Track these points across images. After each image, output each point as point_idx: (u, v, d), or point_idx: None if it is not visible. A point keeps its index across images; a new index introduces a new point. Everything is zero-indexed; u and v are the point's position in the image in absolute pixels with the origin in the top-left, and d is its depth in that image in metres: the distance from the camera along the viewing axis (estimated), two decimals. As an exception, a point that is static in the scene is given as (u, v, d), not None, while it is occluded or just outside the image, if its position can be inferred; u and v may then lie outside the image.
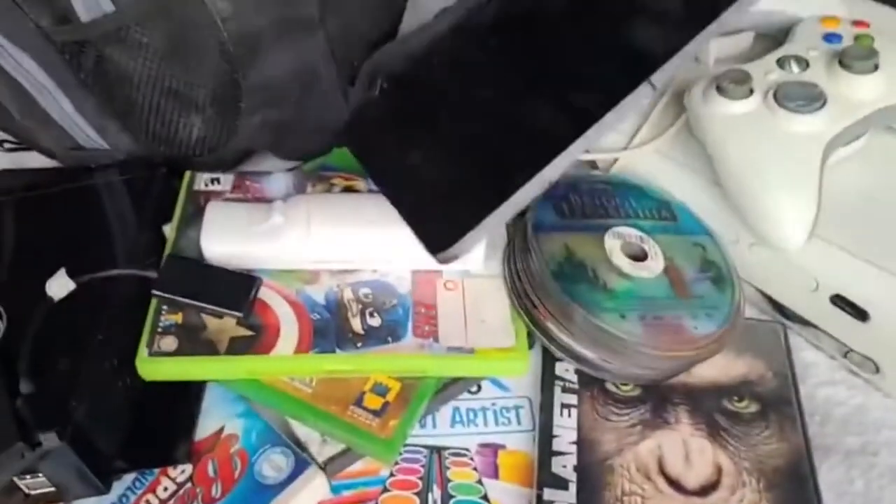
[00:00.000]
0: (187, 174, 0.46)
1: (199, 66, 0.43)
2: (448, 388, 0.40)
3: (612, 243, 0.40)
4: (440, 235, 0.35)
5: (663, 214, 0.43)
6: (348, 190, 0.45)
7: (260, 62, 0.43)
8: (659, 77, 0.36)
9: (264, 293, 0.39)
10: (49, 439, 0.32)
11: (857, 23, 0.47)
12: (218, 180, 0.45)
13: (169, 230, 0.43)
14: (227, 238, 0.40)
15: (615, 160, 0.47)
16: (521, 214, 0.40)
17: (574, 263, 0.39)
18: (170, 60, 0.42)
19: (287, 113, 0.46)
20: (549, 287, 0.38)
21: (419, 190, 0.39)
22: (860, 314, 0.39)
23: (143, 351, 0.37)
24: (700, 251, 0.42)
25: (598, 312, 0.37)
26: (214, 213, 0.41)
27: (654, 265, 0.40)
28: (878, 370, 0.40)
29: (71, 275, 0.39)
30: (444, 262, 0.36)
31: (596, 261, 0.39)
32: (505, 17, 0.46)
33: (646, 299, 0.38)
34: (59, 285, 0.37)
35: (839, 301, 0.39)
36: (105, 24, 0.40)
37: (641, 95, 0.36)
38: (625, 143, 0.47)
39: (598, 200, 0.43)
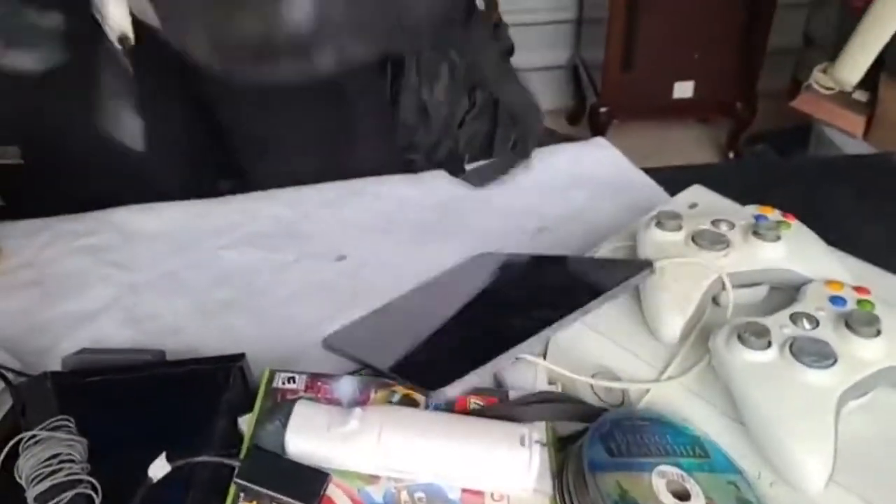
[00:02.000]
0: (266, 372, 0.51)
1: None
2: None
3: (658, 482, 0.43)
4: (434, 378, 0.45)
5: (697, 452, 0.46)
6: (407, 397, 0.50)
7: None
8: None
9: (330, 489, 0.43)
10: None
11: (858, 288, 0.52)
12: (293, 379, 0.50)
13: (246, 421, 0.48)
14: (309, 436, 0.44)
15: (647, 391, 0.52)
16: (571, 443, 0.45)
17: (628, 502, 0.42)
18: None
19: None
20: None
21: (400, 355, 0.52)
22: (872, 559, 0.41)
23: (221, 535, 0.40)
24: (734, 489, 0.44)
25: None
26: (301, 412, 0.45)
27: (697, 504, 0.43)
28: None
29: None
30: (437, 399, 0.46)
31: (646, 500, 0.42)
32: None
33: None
34: (159, 467, 0.41)
35: (854, 544, 0.42)
36: None
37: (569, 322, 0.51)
38: (656, 375, 0.52)
39: (640, 438, 0.46)
